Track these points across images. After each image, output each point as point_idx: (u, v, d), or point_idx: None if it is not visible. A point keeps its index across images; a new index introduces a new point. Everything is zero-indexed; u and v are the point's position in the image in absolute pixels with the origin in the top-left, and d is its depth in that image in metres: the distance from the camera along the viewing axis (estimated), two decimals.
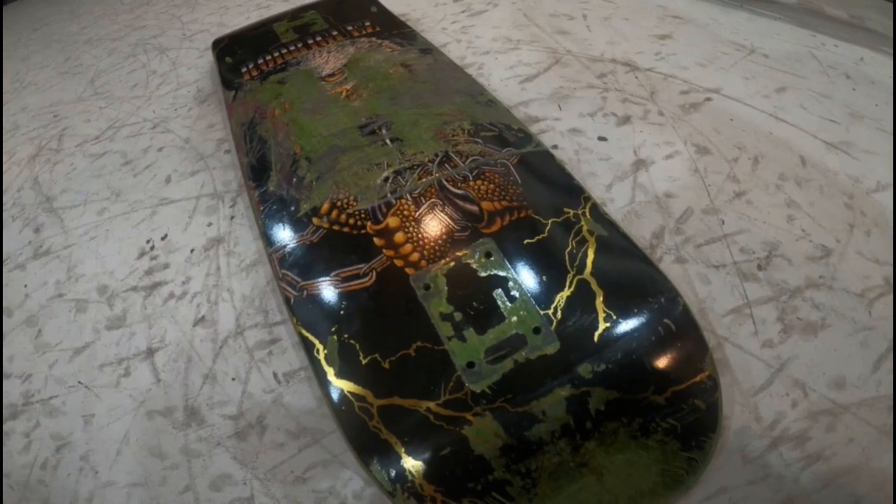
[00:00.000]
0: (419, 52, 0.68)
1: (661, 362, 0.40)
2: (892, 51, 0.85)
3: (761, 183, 0.59)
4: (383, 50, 0.69)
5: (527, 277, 0.43)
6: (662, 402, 0.39)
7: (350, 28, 0.77)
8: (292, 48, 0.76)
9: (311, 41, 0.76)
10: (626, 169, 0.60)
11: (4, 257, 0.74)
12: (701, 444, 0.39)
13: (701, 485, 0.41)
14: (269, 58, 0.75)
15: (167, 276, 0.62)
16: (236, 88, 0.71)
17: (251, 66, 0.75)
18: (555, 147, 0.62)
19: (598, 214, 0.46)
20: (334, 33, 0.77)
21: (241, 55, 0.80)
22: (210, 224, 0.65)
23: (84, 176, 0.80)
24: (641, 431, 0.38)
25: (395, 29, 0.76)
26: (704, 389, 0.40)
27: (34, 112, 1.07)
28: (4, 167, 0.92)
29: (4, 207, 0.82)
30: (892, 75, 0.79)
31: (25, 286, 0.69)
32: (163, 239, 0.65)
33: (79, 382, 0.59)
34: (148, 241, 0.66)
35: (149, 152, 0.79)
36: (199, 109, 0.86)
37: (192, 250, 0.63)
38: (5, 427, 0.59)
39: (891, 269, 0.52)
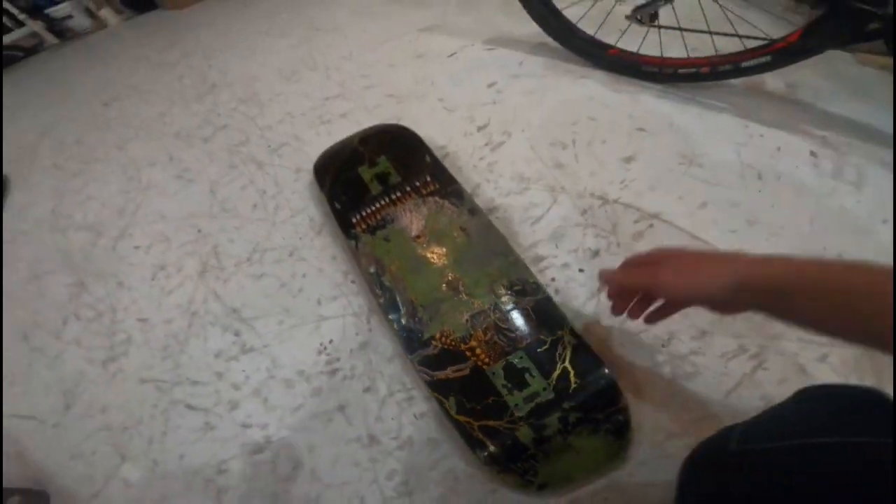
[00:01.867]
0: (469, 213, 1.31)
1: (600, 400, 1.02)
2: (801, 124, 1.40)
3: None
4: (445, 212, 1.33)
5: (539, 366, 1.10)
6: (602, 417, 1.00)
7: (418, 184, 1.40)
8: (383, 202, 1.39)
9: (394, 196, 1.40)
10: (594, 291, 1.19)
11: (216, 354, 1.29)
12: (623, 436, 1.04)
13: (629, 458, 1.04)
14: (368, 210, 1.38)
15: (340, 365, 1.22)
16: (354, 238, 1.36)
17: (358, 217, 1.38)
18: (553, 279, 1.19)
19: (573, 332, 1.12)
20: (408, 189, 1.41)
21: (345, 202, 1.41)
22: (357, 334, 1.23)
23: (254, 294, 1.36)
24: (593, 431, 0.98)
25: (448, 186, 1.38)
26: (623, 410, 1.03)
27: (175, 223, 1.59)
28: (179, 280, 1.48)
29: (199, 316, 1.37)
30: (797, 165, 1.34)
31: (244, 371, 1.23)
32: (330, 342, 1.27)
33: (301, 427, 1.15)
34: (321, 344, 1.26)
35: (296, 278, 1.36)
36: (319, 240, 1.42)
37: (350, 349, 1.24)
38: (255, 458, 1.14)
39: (747, 341, 1.16)
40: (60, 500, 1.22)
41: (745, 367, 1.08)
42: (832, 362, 1.07)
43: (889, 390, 0.56)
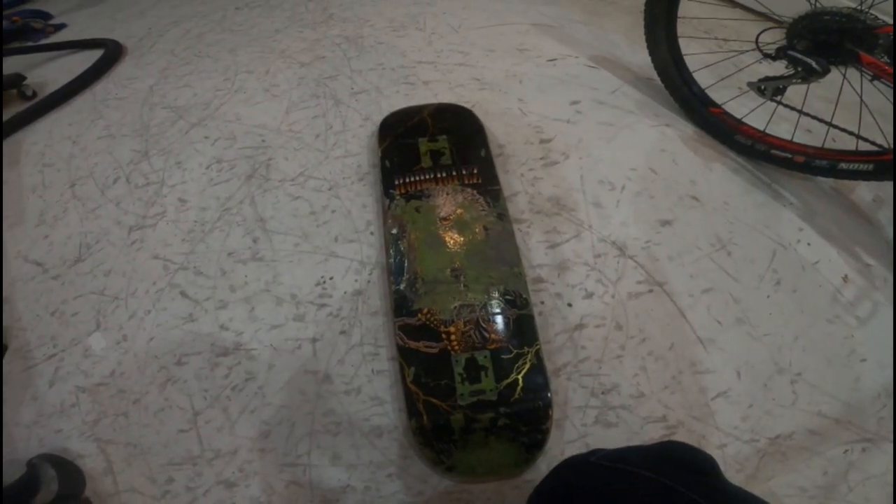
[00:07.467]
0: (497, 217, 1.40)
1: (531, 417, 1.09)
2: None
3: (636, 354, 1.19)
4: (477, 207, 1.43)
5: (497, 369, 1.18)
6: (525, 430, 1.07)
7: (464, 173, 1.49)
8: (428, 177, 1.50)
9: (440, 175, 1.50)
10: (571, 327, 1.23)
11: (230, 252, 1.46)
12: (533, 454, 1.09)
13: (527, 472, 1.10)
14: (413, 179, 1.48)
15: (330, 302, 1.36)
16: (390, 198, 1.47)
17: (401, 181, 1.48)
18: (542, 302, 1.26)
19: (538, 354, 1.20)
20: (454, 174, 1.51)
21: (395, 163, 1.52)
22: (356, 280, 1.37)
23: (285, 212, 1.52)
24: (512, 439, 1.07)
25: (490, 184, 1.45)
26: (545, 432, 1.08)
27: (246, 128, 1.78)
28: (228, 176, 1.65)
29: (231, 212, 1.55)
30: (821, 284, 1.28)
31: (245, 276, 1.40)
32: (331, 279, 1.41)
33: (271, 345, 1.29)
34: (322, 277, 1.40)
35: (326, 211, 1.51)
36: (357, 186, 1.56)
37: (345, 292, 1.37)
38: (217, 360, 1.25)
39: (673, 413, 1.18)
40: (18, 354, 1.38)
41: (656, 433, 1.14)
42: (727, 452, 1.12)
43: None
